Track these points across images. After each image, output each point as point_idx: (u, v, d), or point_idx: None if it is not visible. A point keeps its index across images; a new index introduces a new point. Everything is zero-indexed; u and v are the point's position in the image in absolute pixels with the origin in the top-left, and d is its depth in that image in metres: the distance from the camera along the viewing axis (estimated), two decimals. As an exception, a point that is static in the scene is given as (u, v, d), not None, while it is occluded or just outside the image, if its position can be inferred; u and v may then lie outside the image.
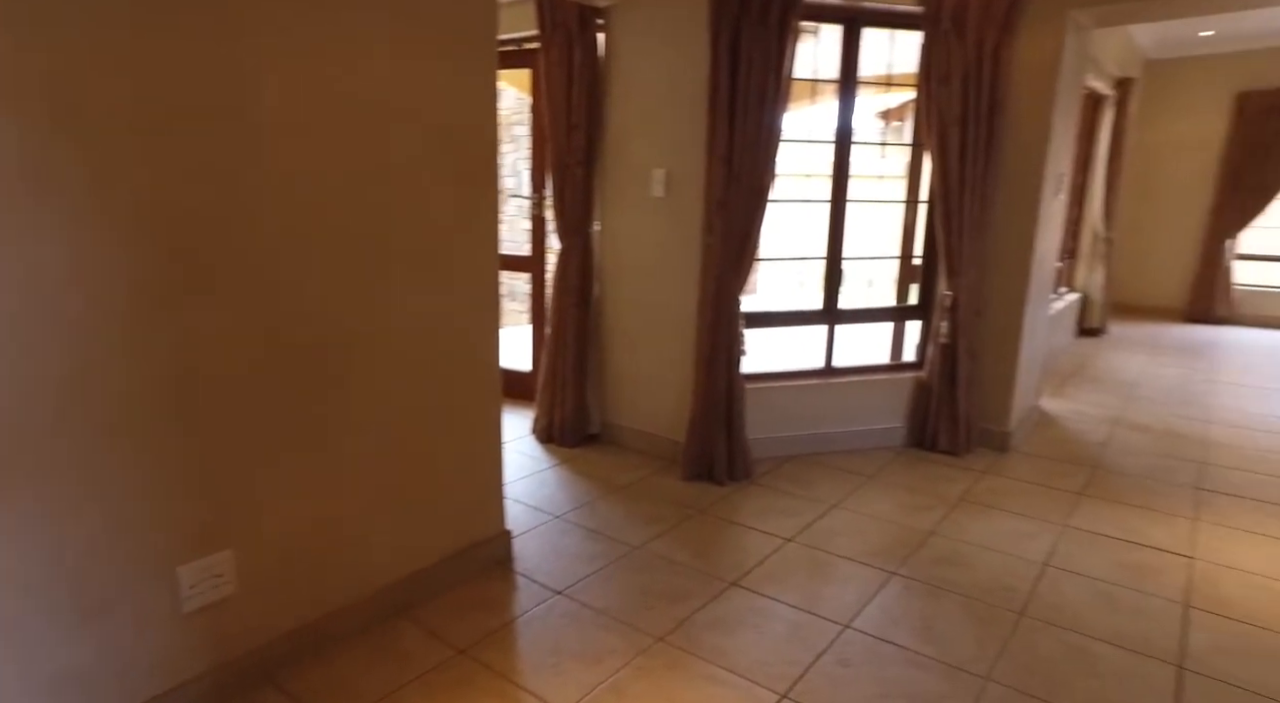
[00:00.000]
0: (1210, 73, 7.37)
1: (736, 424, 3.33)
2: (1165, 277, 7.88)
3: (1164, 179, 7.76)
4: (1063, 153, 3.84)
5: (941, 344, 3.65)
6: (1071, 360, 5.80)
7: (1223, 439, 4.05)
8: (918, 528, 2.95)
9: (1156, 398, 4.82)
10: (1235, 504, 3.23)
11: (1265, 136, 7.13)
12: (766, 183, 3.16)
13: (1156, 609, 2.42)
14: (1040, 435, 4.05)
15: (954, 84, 3.36)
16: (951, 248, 3.54)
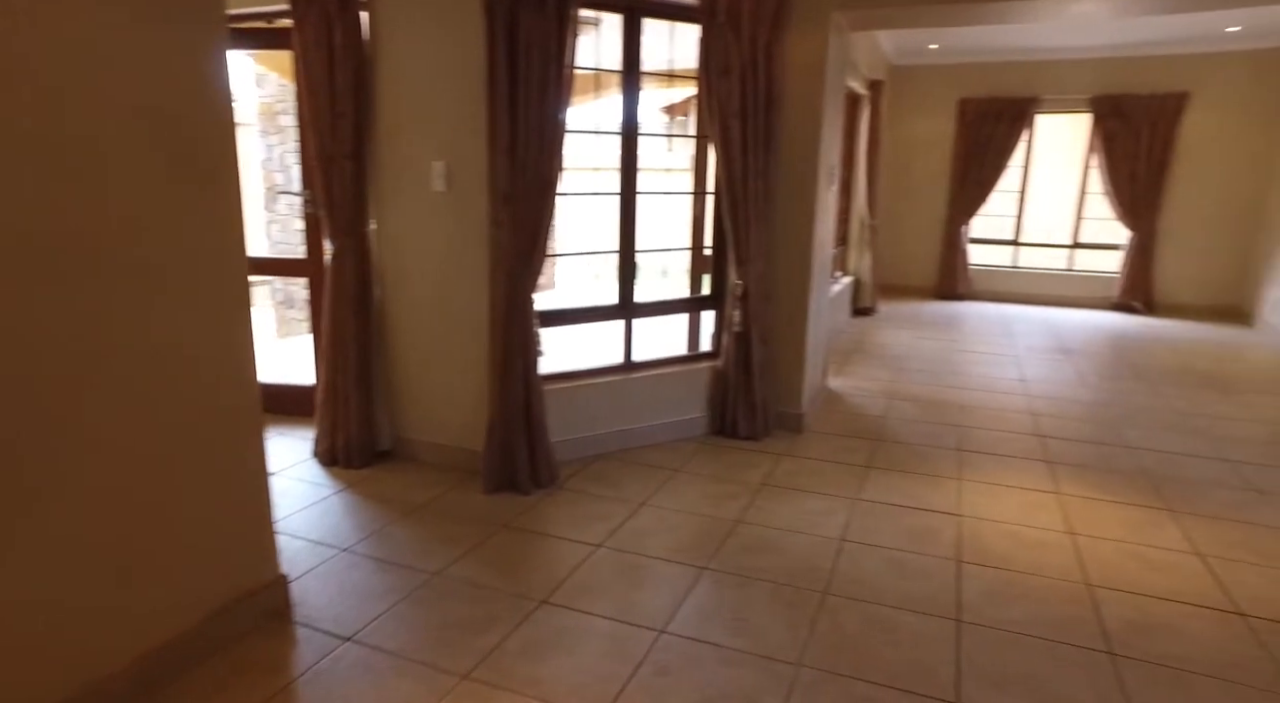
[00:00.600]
0: (939, 80, 8.33)
1: (538, 429, 3.18)
2: (918, 259, 8.82)
3: (913, 173, 8.67)
4: (833, 147, 4.09)
5: (735, 333, 3.74)
6: (850, 340, 6.28)
7: (974, 402, 4.55)
8: (725, 518, 2.98)
9: (922, 369, 5.34)
10: (988, 461, 3.62)
11: (982, 138, 8.18)
12: (554, 175, 3.02)
13: (937, 569, 2.61)
14: (830, 413, 4.31)
15: (733, 77, 3.42)
16: (739, 238, 3.63)
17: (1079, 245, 8.45)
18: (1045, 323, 7.27)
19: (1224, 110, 7.51)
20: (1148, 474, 3.50)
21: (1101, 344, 6.38)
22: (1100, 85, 7.76)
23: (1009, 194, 8.55)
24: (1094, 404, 4.59)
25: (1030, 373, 5.31)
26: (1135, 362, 5.74)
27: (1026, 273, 8.60)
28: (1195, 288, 7.91)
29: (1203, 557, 2.74)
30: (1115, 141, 7.76)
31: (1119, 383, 5.10)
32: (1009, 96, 8.02)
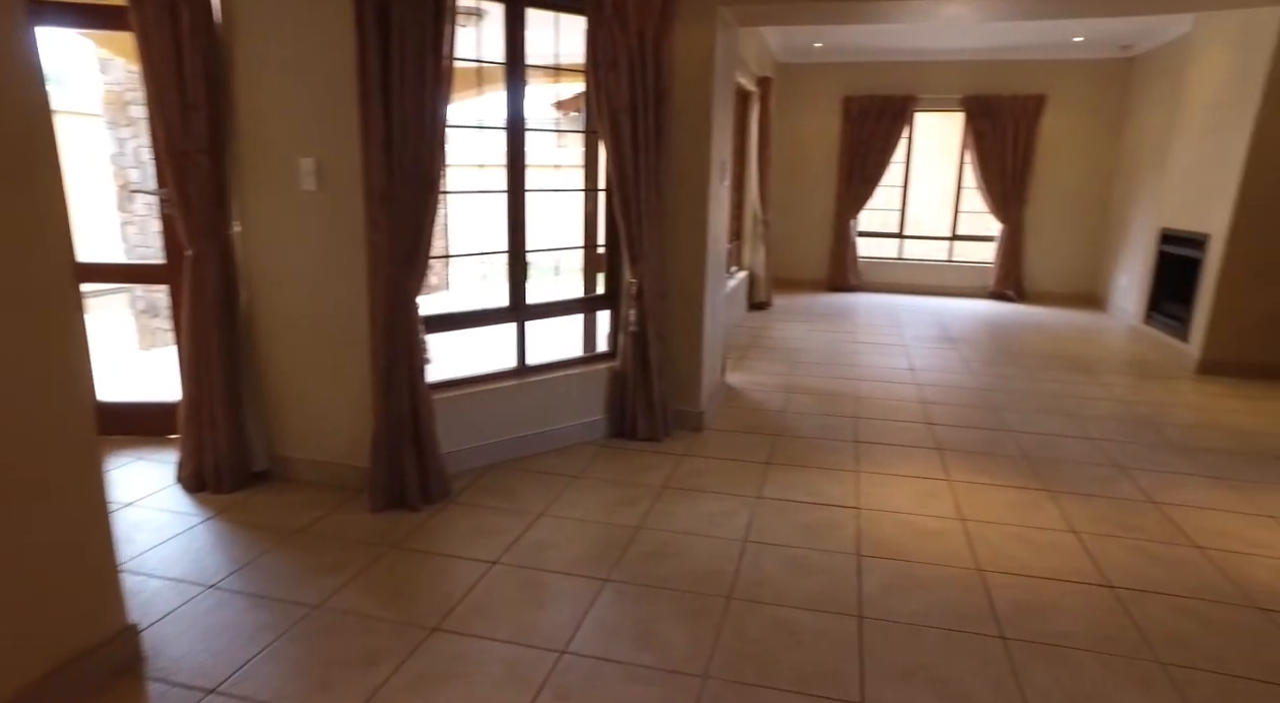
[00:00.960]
0: (824, 78, 8.56)
1: (427, 440, 3.00)
2: (810, 253, 9.04)
3: (803, 168, 8.88)
4: (724, 142, 4.07)
5: (631, 332, 3.66)
6: (747, 334, 6.34)
7: (868, 393, 4.67)
8: (626, 524, 2.90)
9: (818, 361, 5.44)
10: (883, 451, 3.70)
11: (865, 135, 8.47)
12: (435, 173, 2.84)
13: (837, 565, 2.62)
14: (729, 410, 4.31)
15: (621, 71, 3.34)
16: (632, 235, 3.55)
17: (957, 237, 8.89)
18: (929, 312, 7.60)
19: (1074, 113, 8.07)
20: (1027, 456, 3.66)
21: (981, 331, 6.72)
22: (971, 86, 8.17)
23: (893, 189, 8.90)
24: (977, 390, 4.80)
25: (919, 362, 5.51)
26: (1011, 347, 6.07)
27: (911, 264, 8.99)
28: (1058, 277, 8.47)
29: (1077, 534, 2.87)
30: (985, 139, 8.19)
31: (998, 368, 5.36)
32: (890, 95, 8.33)
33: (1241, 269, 5.23)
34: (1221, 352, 5.36)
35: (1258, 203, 5.12)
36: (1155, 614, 2.36)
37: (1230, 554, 2.75)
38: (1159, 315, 6.17)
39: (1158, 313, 6.21)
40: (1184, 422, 4.26)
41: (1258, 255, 5.19)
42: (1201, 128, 5.74)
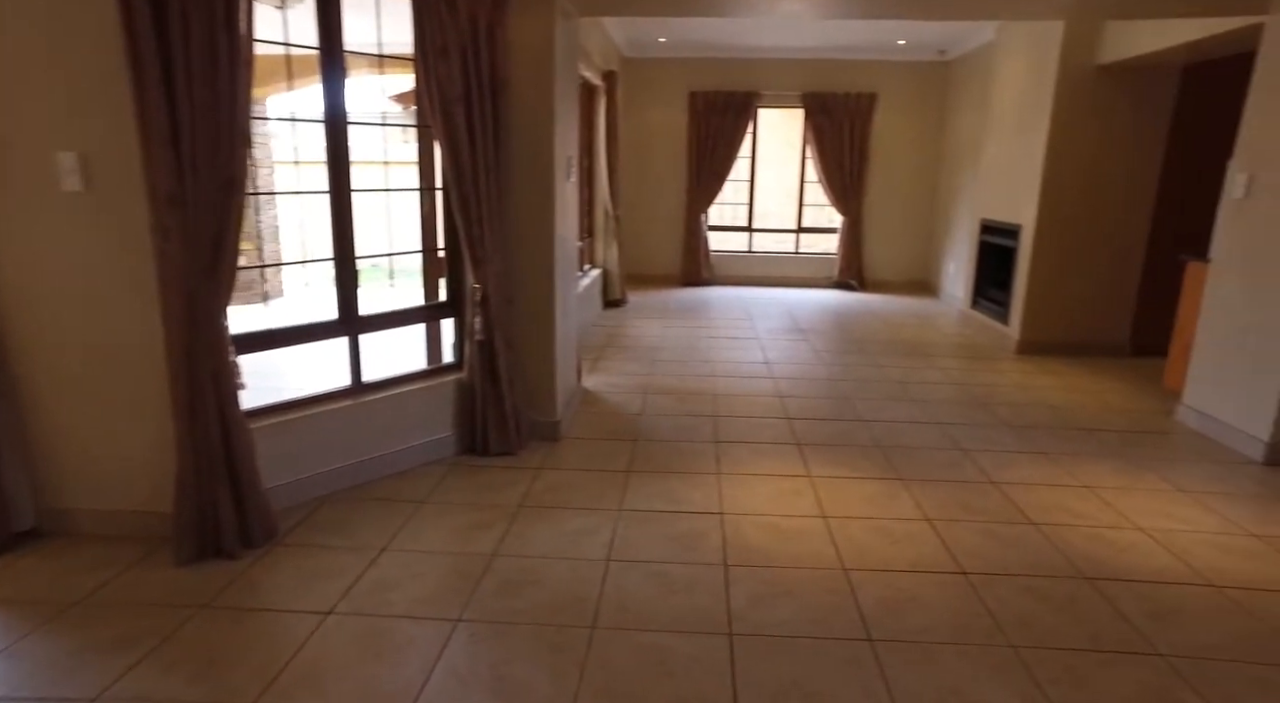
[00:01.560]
0: (670, 73, 8.58)
1: (245, 476, 2.62)
2: (663, 248, 9.06)
3: (652, 163, 8.86)
4: (569, 137, 3.89)
5: (478, 341, 3.41)
6: (603, 334, 6.21)
7: (726, 390, 4.66)
8: (480, 552, 2.66)
9: (674, 359, 5.40)
10: (744, 450, 3.67)
11: (712, 130, 8.58)
12: (237, 173, 2.46)
13: (704, 579, 2.52)
14: (586, 416, 4.14)
15: (452, 59, 3.07)
16: (473, 236, 3.30)
17: (803, 230, 9.21)
18: (780, 303, 7.80)
19: (902, 111, 8.57)
20: (880, 445, 3.76)
21: (828, 321, 6.97)
22: (810, 83, 8.46)
23: (740, 183, 9.08)
24: (829, 380, 4.93)
25: (773, 355, 5.60)
26: (856, 336, 6.32)
27: (760, 257, 9.22)
28: (894, 266, 8.98)
29: (931, 522, 2.95)
30: (824, 135, 8.52)
31: (846, 357, 5.55)
32: (734, 90, 8.47)
33: (1048, 257, 5.70)
34: (1036, 333, 5.82)
35: (1058, 197, 5.59)
36: (1004, 596, 2.43)
37: (1060, 527, 2.92)
38: (983, 301, 6.65)
39: (982, 298, 6.69)
40: (1011, 400, 4.56)
41: (1061, 245, 5.67)
42: (1008, 128, 6.21)
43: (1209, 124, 5.42)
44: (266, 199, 8.07)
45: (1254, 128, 3.88)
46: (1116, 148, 5.51)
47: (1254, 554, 2.76)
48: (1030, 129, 5.79)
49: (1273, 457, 3.65)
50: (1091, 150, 5.51)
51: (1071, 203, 5.60)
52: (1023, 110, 5.96)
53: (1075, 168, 5.54)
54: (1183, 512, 3.10)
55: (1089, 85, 5.42)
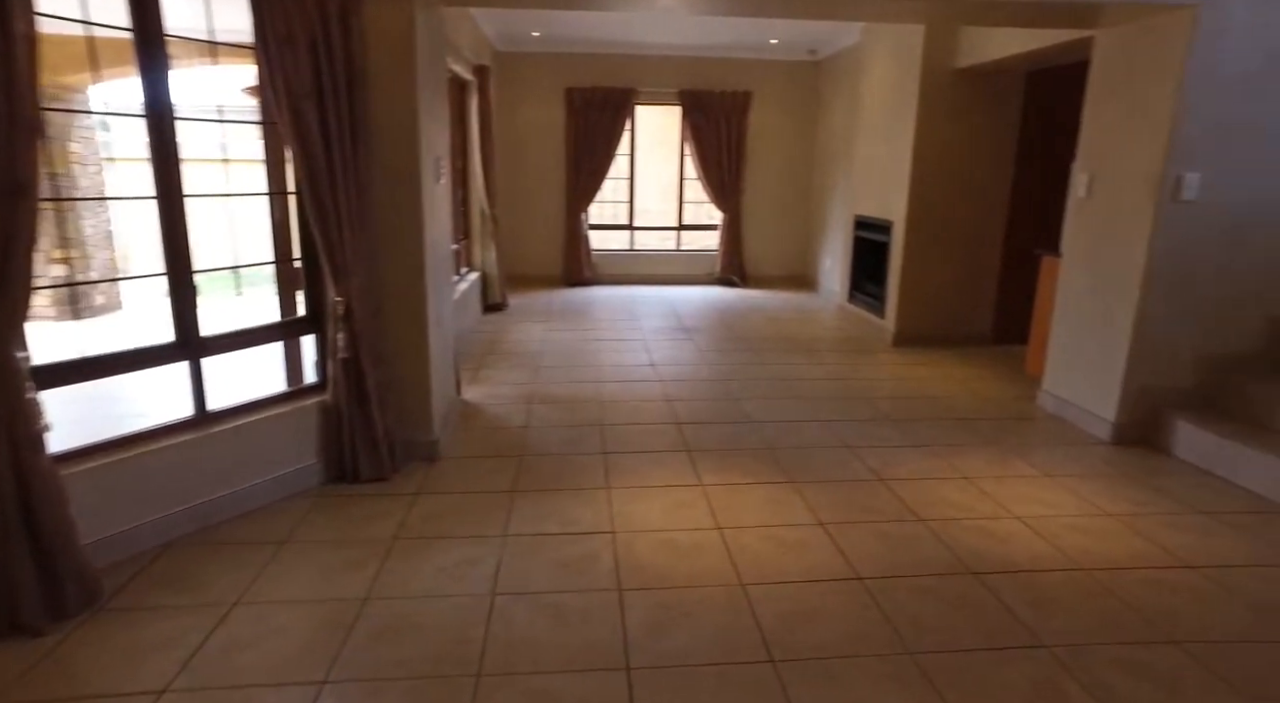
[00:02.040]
0: (545, 69, 8.35)
1: (53, 531, 2.22)
2: (544, 248, 8.83)
3: (530, 161, 8.61)
4: (438, 135, 3.63)
5: (342, 358, 3.11)
6: (483, 341, 5.94)
7: (613, 396, 4.53)
8: (350, 597, 2.40)
9: (559, 365, 5.21)
10: (634, 461, 3.55)
11: (590, 127, 8.43)
12: (24, 176, 2.08)
13: (598, 608, 2.37)
14: (467, 432, 3.90)
15: (300, 49, 2.75)
16: (333, 244, 3.00)
17: (684, 227, 9.23)
18: (664, 302, 7.77)
19: (776, 109, 8.73)
20: (770, 447, 3.74)
21: (712, 318, 6.98)
22: (686, 81, 8.47)
23: (620, 181, 8.98)
24: (716, 381, 4.90)
25: (659, 356, 5.52)
26: (740, 333, 6.36)
27: (643, 255, 9.16)
28: (774, 261, 9.16)
29: (825, 527, 2.93)
30: (701, 132, 8.55)
31: (732, 356, 5.55)
32: (611, 87, 8.34)
33: (918, 252, 5.93)
34: (909, 325, 6.05)
35: (925, 194, 5.83)
36: (900, 601, 2.43)
37: (946, 522, 2.97)
38: (860, 294, 6.86)
39: (858, 292, 6.90)
40: (891, 394, 4.69)
41: (930, 240, 5.92)
42: (877, 127, 6.42)
43: (1051, 126, 5.79)
44: (95, 202, 7.22)
45: (1091, 132, 4.14)
46: (976, 148, 5.79)
47: (1110, 534, 2.91)
48: (897, 129, 6.00)
49: (1119, 436, 3.90)
50: (954, 150, 5.77)
51: (938, 200, 5.84)
52: (890, 110, 6.17)
53: (940, 166, 5.78)
54: (1050, 496, 3.24)
55: (949, 88, 5.66)
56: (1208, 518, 3.07)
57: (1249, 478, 3.37)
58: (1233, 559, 2.75)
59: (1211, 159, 3.62)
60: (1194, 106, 3.54)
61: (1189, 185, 3.63)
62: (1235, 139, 3.61)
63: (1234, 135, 3.60)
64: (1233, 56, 3.51)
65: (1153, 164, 3.67)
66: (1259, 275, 3.80)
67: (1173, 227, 3.69)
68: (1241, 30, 3.48)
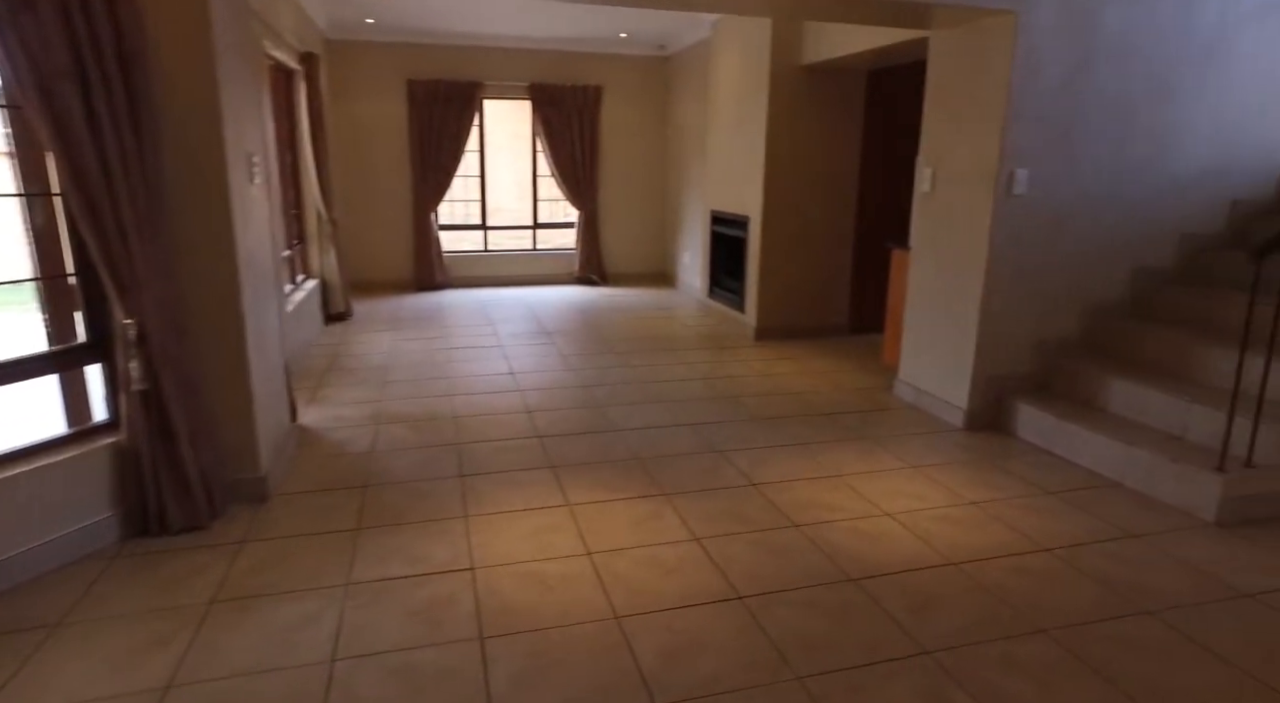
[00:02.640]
0: (384, 59, 7.79)
1: None
2: (391, 251, 8.26)
3: (372, 157, 8.00)
4: (249, 129, 3.16)
5: (138, 391, 2.62)
6: (324, 355, 5.40)
7: (469, 410, 4.21)
8: (147, 688, 1.97)
9: (410, 378, 4.80)
10: (494, 483, 3.27)
11: (434, 121, 7.95)
12: None
13: (457, 663, 2.09)
14: (304, 463, 3.46)
15: (43, 14, 2.25)
16: (114, 255, 2.50)
17: (539, 226, 8.93)
18: (521, 304, 7.45)
19: (629, 104, 8.63)
20: (638, 457, 3.57)
21: (572, 320, 6.76)
22: (536, 74, 8.17)
23: (471, 179, 8.55)
24: (579, 388, 4.68)
25: (518, 363, 5.23)
26: (602, 334, 6.17)
27: (498, 256, 8.78)
28: (633, 258, 9.06)
29: (700, 542, 2.78)
30: (553, 128, 8.29)
31: (594, 360, 5.35)
32: (456, 80, 7.90)
33: (775, 247, 5.99)
34: (770, 319, 6.11)
35: (779, 189, 5.89)
36: (783, 619, 2.31)
37: (821, 527, 2.91)
38: (719, 290, 6.86)
39: (718, 288, 6.91)
40: (757, 391, 4.66)
41: (785, 235, 5.99)
42: (728, 122, 6.44)
43: (893, 124, 6.02)
44: None
45: (931, 130, 4.27)
46: (826, 143, 5.91)
47: (974, 523, 2.96)
48: (749, 125, 6.02)
49: (971, 422, 4.06)
50: (805, 146, 5.86)
51: (792, 195, 5.92)
52: (741, 107, 6.18)
53: (792, 162, 5.85)
54: (916, 488, 3.27)
55: (797, 85, 5.74)
56: (1054, 499, 3.20)
57: (1082, 455, 3.57)
58: (1079, 537, 2.87)
59: (1037, 156, 3.80)
60: (1019, 107, 3.71)
61: (1019, 181, 3.80)
62: (1056, 137, 3.82)
63: (1055, 134, 3.81)
64: (1050, 59, 3.70)
65: (988, 161, 3.81)
66: (1077, 265, 4.05)
67: (1007, 221, 3.85)
68: (1053, 34, 3.67)
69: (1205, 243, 4.24)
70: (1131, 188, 4.01)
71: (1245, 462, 3.09)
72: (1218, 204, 4.23)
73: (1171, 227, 4.17)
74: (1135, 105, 3.89)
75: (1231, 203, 4.25)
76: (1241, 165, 4.21)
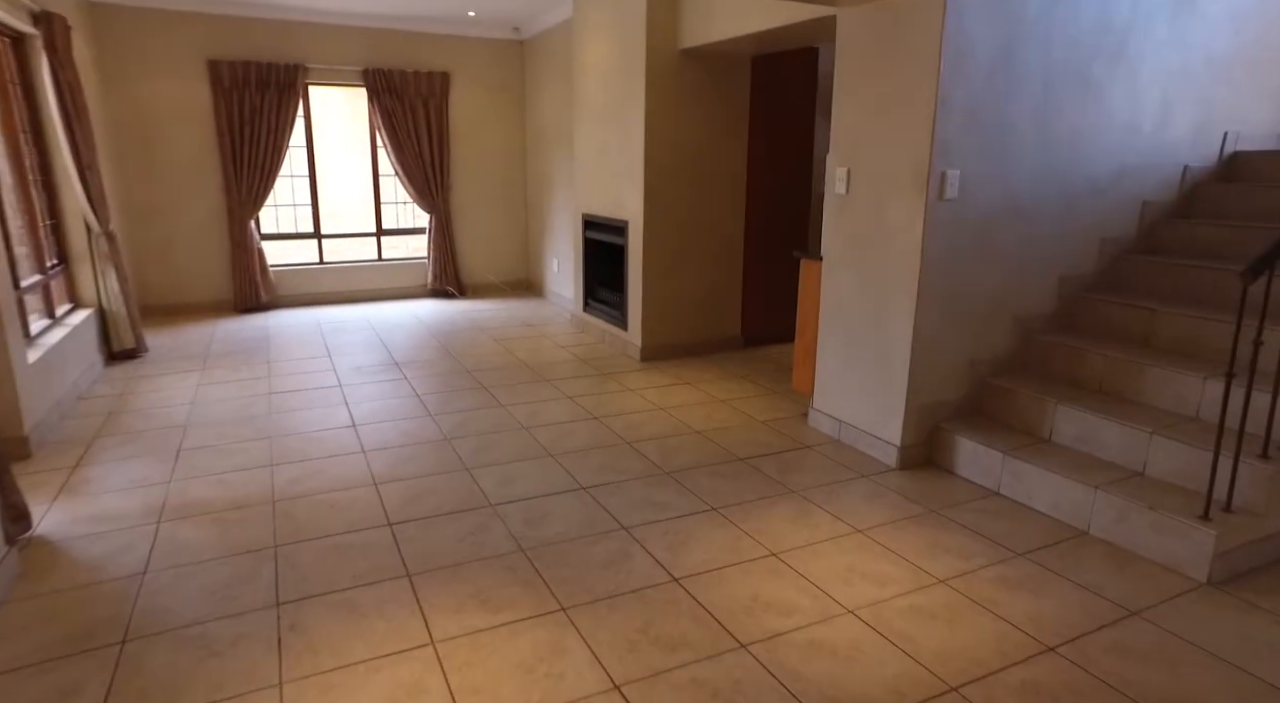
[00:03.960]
0: (174, 32, 6.39)
1: None
2: (203, 267, 6.88)
3: (169, 155, 6.58)
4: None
5: None
6: (96, 411, 4.15)
7: (294, 488, 3.21)
8: None
9: (214, 443, 3.70)
10: (322, 614, 2.34)
11: (248, 111, 6.65)
12: None
13: None
14: (25, 609, 2.36)
15: None
16: None
17: (385, 233, 7.79)
18: (368, 327, 6.36)
19: (482, 94, 7.67)
20: (523, 548, 2.74)
21: (429, 346, 5.76)
22: (372, 58, 7.04)
23: (300, 180, 7.29)
24: (440, 441, 3.77)
25: (362, 409, 4.23)
26: (466, 362, 5.25)
27: (337, 269, 7.55)
28: (495, 266, 8.12)
29: (620, 691, 2.01)
30: (395, 120, 7.20)
31: (457, 398, 4.44)
32: (272, 62, 6.63)
33: (659, 255, 5.30)
34: (656, 337, 5.41)
35: (663, 189, 5.19)
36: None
37: (772, 642, 2.23)
38: (596, 303, 6.09)
39: (595, 301, 6.14)
40: (656, 433, 3.94)
41: (671, 241, 5.31)
42: (599, 114, 5.66)
43: (780, 116, 5.47)
44: None
45: (845, 123, 3.71)
46: (710, 137, 5.28)
47: (954, 615, 2.38)
48: (623, 117, 5.29)
49: (905, 460, 3.54)
50: (688, 140, 5.19)
51: (675, 195, 5.24)
52: (612, 96, 5.43)
53: (674, 159, 5.18)
54: (871, 564, 2.66)
55: (676, 71, 5.06)
56: (1027, 564, 2.69)
57: (1038, 497, 3.12)
58: (1077, 623, 2.35)
59: (966, 154, 3.31)
60: (949, 98, 3.19)
61: (951, 183, 3.30)
62: (985, 132, 3.34)
63: (983, 129, 3.33)
64: (978, 42, 3.20)
65: (918, 159, 3.27)
66: (1006, 274, 3.62)
67: (940, 227, 3.34)
68: (979, 14, 3.18)
69: (1122, 247, 3.95)
70: (1054, 188, 3.62)
71: (1225, 506, 2.71)
72: (1130, 206, 3.95)
73: (1093, 231, 3.84)
74: (1059, 100, 3.48)
75: (1142, 204, 3.98)
76: (1150, 165, 3.94)
